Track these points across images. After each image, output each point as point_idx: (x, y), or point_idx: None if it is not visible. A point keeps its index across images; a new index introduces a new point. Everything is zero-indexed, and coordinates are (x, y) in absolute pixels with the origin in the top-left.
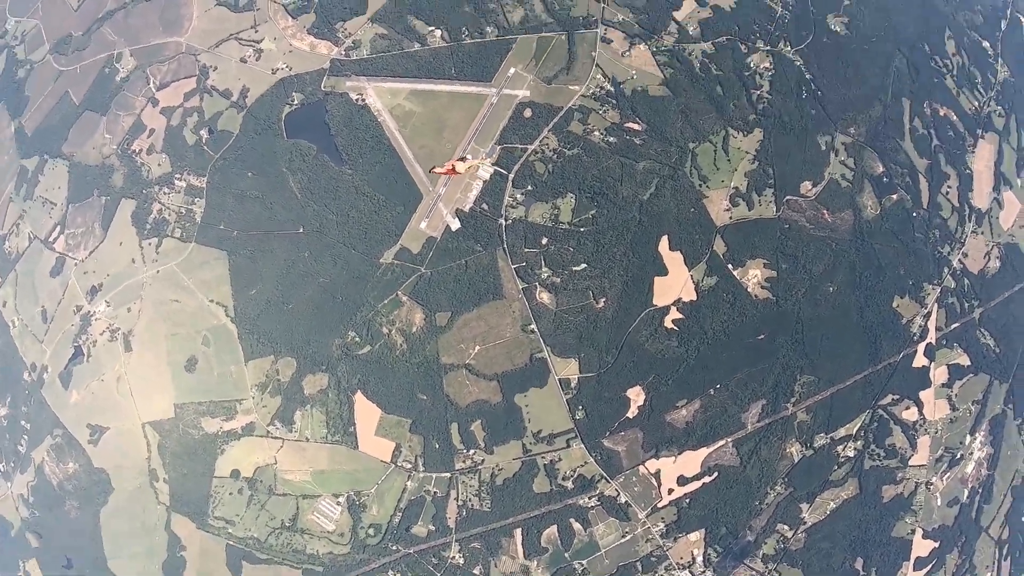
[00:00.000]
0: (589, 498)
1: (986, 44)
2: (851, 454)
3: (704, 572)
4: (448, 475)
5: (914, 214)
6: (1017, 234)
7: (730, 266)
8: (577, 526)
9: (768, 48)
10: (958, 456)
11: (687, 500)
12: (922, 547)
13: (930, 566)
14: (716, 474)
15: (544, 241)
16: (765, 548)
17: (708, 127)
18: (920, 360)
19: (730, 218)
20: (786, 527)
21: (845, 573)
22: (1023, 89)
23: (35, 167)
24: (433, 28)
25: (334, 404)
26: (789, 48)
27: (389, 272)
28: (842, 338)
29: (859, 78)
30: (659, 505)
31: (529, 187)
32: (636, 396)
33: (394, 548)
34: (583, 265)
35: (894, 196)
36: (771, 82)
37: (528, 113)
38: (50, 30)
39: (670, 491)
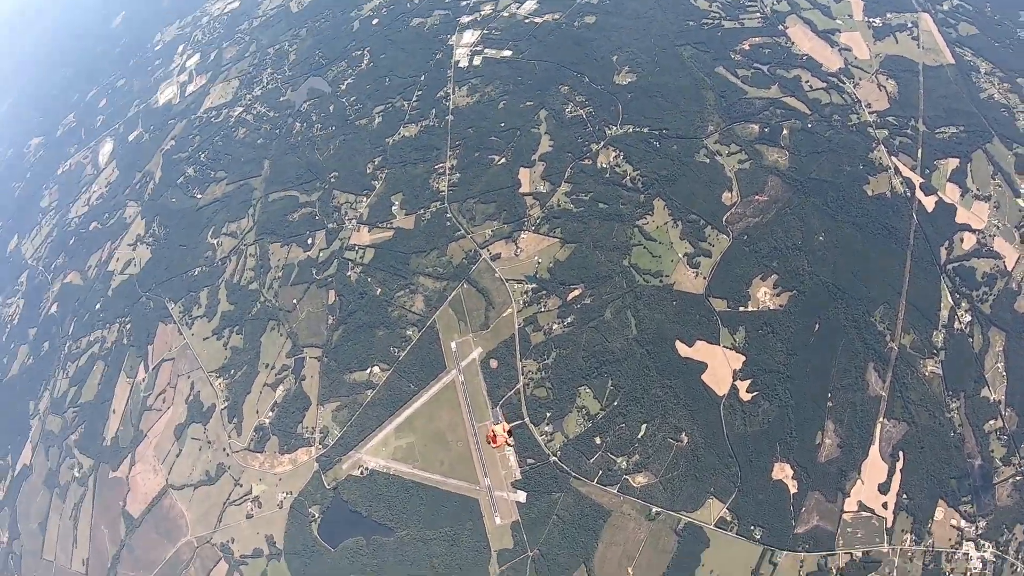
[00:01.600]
0: None
1: None
2: (968, 318)
3: (979, 524)
4: None
5: (808, 125)
6: (882, 49)
7: (740, 308)
8: None
9: (602, 143)
10: None
11: (903, 496)
12: None
13: None
14: (901, 452)
15: (598, 440)
16: (995, 454)
17: (622, 237)
18: (929, 202)
19: (704, 278)
20: (992, 421)
21: None
22: None
23: None
24: (369, 368)
25: None
26: (615, 128)
27: None
28: (866, 258)
29: (676, 90)
30: (889, 525)
31: (548, 414)
32: (783, 472)
33: None
34: (643, 427)
35: (784, 131)
36: (629, 162)
37: (494, 364)
38: None
39: (884, 505)
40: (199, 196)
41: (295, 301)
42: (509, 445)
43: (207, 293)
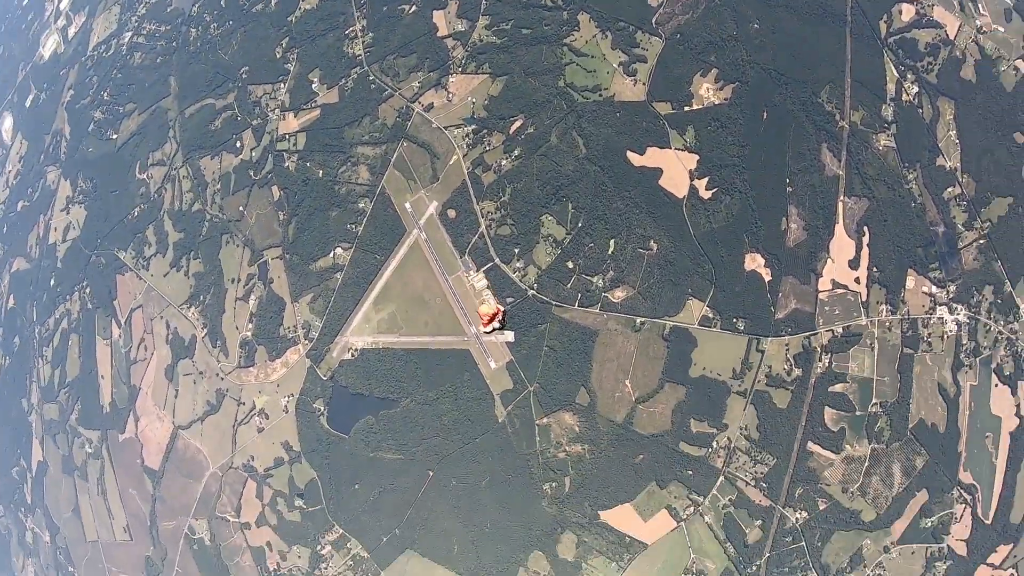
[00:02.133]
0: (819, 360)
1: None
2: (916, 90)
3: (949, 289)
4: (719, 480)
5: None
6: None
7: (686, 108)
8: (839, 388)
9: None
10: None
11: (874, 269)
12: None
13: None
14: (866, 227)
15: (570, 265)
16: (957, 220)
17: (552, 59)
18: None
19: (643, 84)
20: (950, 188)
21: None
22: None
23: None
24: (332, 250)
25: (597, 530)
26: None
27: (515, 419)
28: (804, 39)
29: None
30: (864, 299)
31: (516, 250)
32: (755, 262)
33: None
34: (611, 242)
35: None
36: None
37: (452, 214)
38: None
39: (856, 280)
40: (115, 136)
41: (241, 208)
42: (500, 323)
43: (153, 230)
